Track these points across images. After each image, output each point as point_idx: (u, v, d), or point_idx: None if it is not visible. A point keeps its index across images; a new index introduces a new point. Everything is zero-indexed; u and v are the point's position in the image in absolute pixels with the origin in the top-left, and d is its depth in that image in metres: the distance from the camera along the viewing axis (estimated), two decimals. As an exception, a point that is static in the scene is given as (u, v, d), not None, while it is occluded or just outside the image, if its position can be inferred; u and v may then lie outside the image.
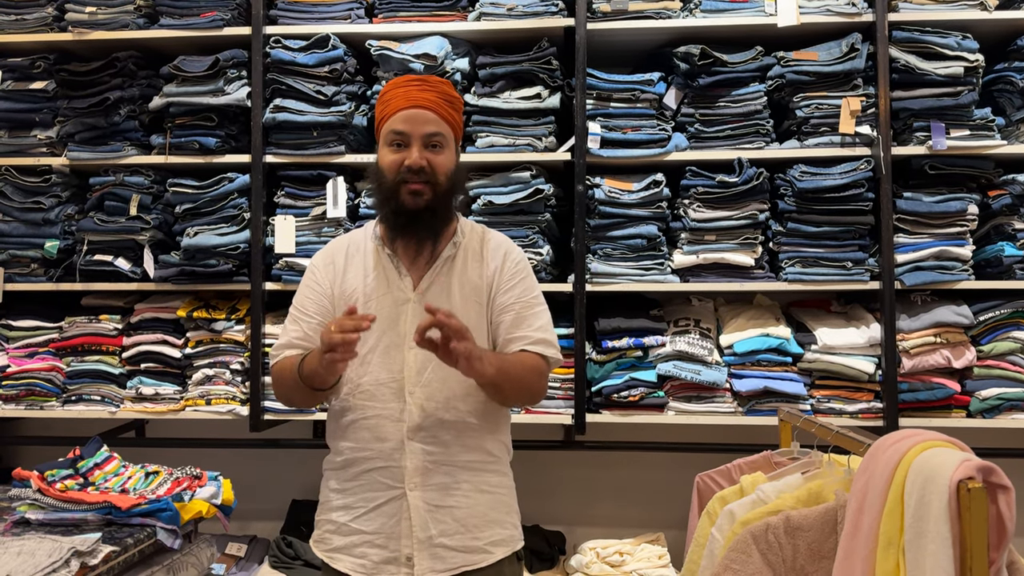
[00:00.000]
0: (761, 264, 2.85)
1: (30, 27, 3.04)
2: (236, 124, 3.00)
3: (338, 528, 1.75)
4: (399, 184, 1.72)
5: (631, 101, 2.86)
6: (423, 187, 1.71)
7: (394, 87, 1.78)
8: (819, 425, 1.84)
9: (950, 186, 2.80)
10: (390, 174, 1.73)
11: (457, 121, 1.80)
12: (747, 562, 1.56)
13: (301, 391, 1.73)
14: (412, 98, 1.73)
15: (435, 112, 1.74)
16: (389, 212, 1.76)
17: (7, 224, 3.03)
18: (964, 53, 2.75)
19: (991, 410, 2.74)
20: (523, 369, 1.73)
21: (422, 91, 1.74)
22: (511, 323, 1.77)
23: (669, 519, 3.06)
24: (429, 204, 1.72)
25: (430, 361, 1.70)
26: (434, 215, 1.74)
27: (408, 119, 1.72)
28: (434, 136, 1.73)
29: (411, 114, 1.72)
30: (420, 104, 1.73)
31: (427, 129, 1.73)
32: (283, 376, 1.77)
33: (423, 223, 1.74)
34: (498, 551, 1.75)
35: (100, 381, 2.97)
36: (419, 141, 1.72)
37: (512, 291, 1.79)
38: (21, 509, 1.87)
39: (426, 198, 1.72)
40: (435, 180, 1.72)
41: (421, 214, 1.73)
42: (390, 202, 1.74)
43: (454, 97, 1.80)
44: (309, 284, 1.83)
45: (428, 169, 1.72)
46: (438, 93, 1.76)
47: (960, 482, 1.30)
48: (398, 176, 1.72)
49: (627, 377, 2.79)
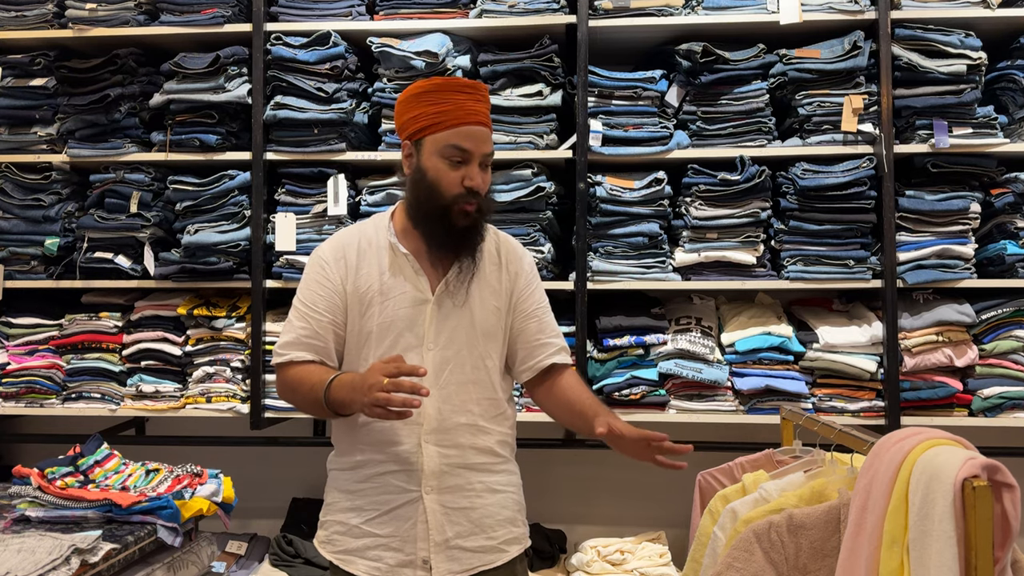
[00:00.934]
0: (763, 262, 2.84)
1: (30, 24, 3.04)
2: (237, 121, 2.99)
3: (349, 530, 1.73)
4: (455, 202, 1.69)
5: (633, 99, 2.86)
6: (474, 208, 1.70)
7: (444, 90, 1.70)
8: (821, 423, 1.83)
9: (952, 184, 2.79)
10: (449, 191, 1.68)
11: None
12: (750, 560, 1.55)
13: (318, 409, 1.68)
14: (470, 111, 1.69)
15: (489, 128, 1.73)
16: (439, 229, 1.71)
17: (7, 221, 3.02)
18: (967, 51, 2.74)
19: (993, 409, 2.73)
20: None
21: (477, 102, 1.70)
22: (537, 329, 1.81)
23: (670, 517, 3.05)
24: (474, 223, 1.71)
25: (447, 364, 1.71)
26: (478, 234, 1.74)
27: (471, 136, 1.68)
28: (489, 156, 1.72)
29: (473, 132, 1.68)
30: (480, 120, 1.70)
31: (486, 149, 1.71)
32: (298, 388, 1.72)
33: (469, 242, 1.73)
34: (512, 549, 1.76)
35: (100, 379, 2.96)
36: (478, 160, 1.70)
37: (533, 296, 1.83)
38: (21, 506, 1.87)
39: (475, 217, 1.71)
40: (484, 202, 1.72)
41: (468, 233, 1.72)
42: (442, 219, 1.70)
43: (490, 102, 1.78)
44: (318, 279, 1.76)
45: (483, 192, 1.71)
46: (487, 104, 1.74)
47: (965, 480, 1.29)
48: (457, 195, 1.69)
49: (628, 375, 2.79)
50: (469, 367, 1.73)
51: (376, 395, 1.48)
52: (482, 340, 1.75)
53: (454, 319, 1.74)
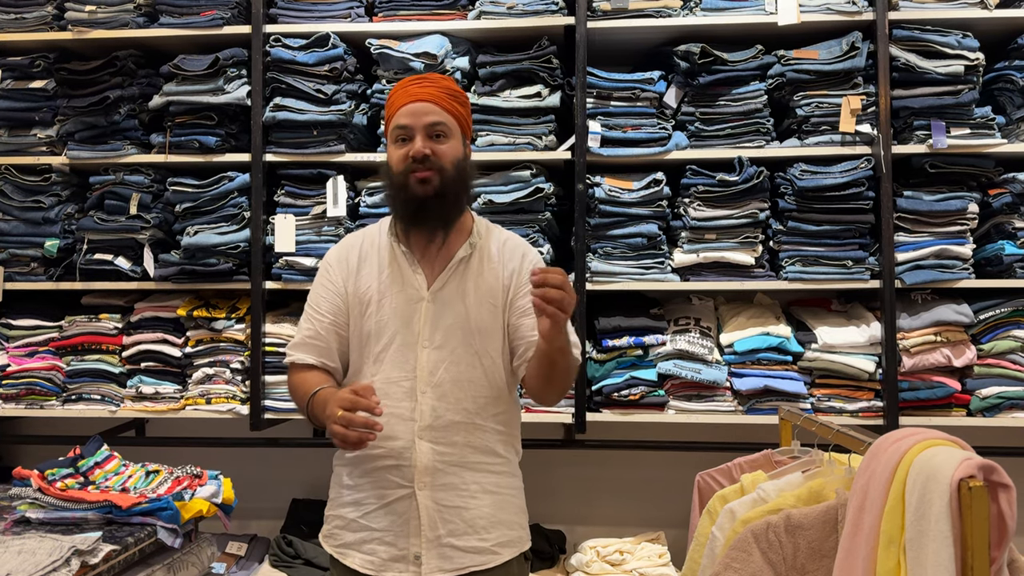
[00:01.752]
0: (761, 263, 2.85)
1: (30, 26, 3.04)
2: (236, 123, 2.99)
3: (348, 524, 1.76)
4: (406, 174, 1.73)
5: (631, 100, 2.86)
6: (430, 174, 1.72)
7: (397, 88, 1.80)
8: (820, 424, 1.84)
9: (950, 185, 2.80)
10: (397, 167, 1.75)
11: (461, 113, 1.80)
12: (748, 560, 1.56)
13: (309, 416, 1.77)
14: (412, 93, 1.75)
15: (436, 104, 1.75)
16: (399, 203, 1.76)
17: (7, 223, 3.03)
18: (964, 52, 2.75)
19: (991, 409, 2.74)
20: (572, 358, 1.72)
21: (422, 86, 1.76)
22: (531, 325, 1.74)
23: (669, 518, 3.06)
24: (437, 191, 1.73)
25: (443, 361, 1.73)
26: (443, 202, 1.74)
27: (409, 112, 1.74)
28: (436, 125, 1.74)
29: (412, 108, 1.74)
30: (420, 98, 1.75)
31: (428, 119, 1.74)
32: (295, 394, 1.82)
33: (433, 211, 1.74)
34: (506, 552, 1.76)
35: (100, 380, 2.97)
36: (422, 132, 1.73)
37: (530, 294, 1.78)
38: (21, 508, 1.87)
39: (434, 185, 1.72)
40: (441, 167, 1.73)
41: (430, 201, 1.73)
42: (400, 193, 1.75)
43: (456, 91, 1.80)
44: (323, 282, 1.84)
45: (433, 156, 1.72)
46: (439, 87, 1.77)
47: (961, 481, 1.30)
48: (404, 167, 1.73)
49: (627, 376, 2.79)
50: (465, 364, 1.74)
51: (332, 427, 1.55)
52: (478, 337, 1.76)
53: (449, 317, 1.75)
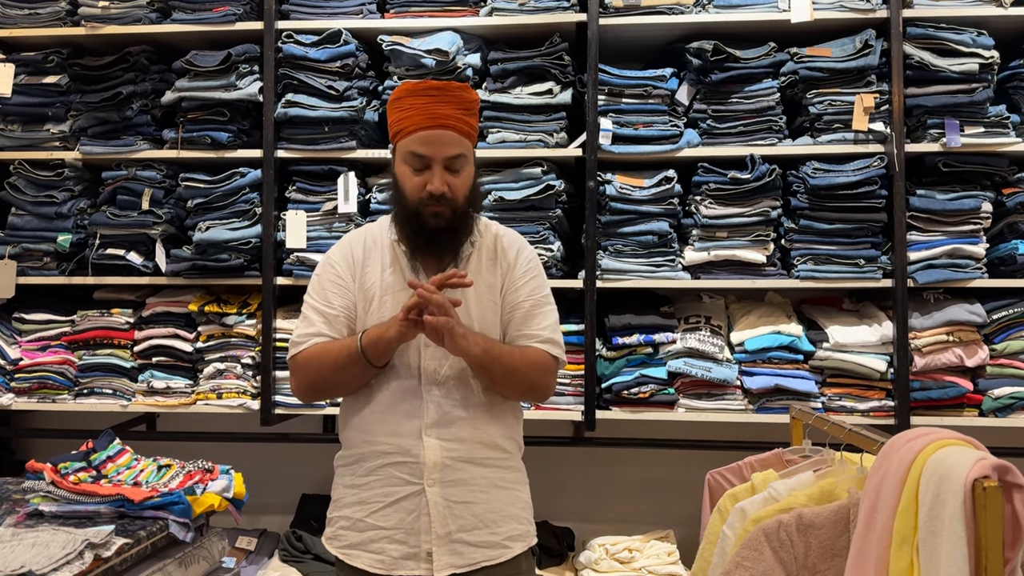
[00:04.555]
0: (773, 261, 2.84)
1: (43, 21, 3.05)
2: (248, 119, 3.00)
3: (353, 524, 1.75)
4: (420, 207, 1.71)
5: (643, 97, 2.86)
6: (443, 209, 1.70)
7: (410, 94, 1.72)
8: (831, 423, 1.83)
9: (964, 184, 2.78)
10: (411, 197, 1.72)
11: (474, 128, 1.77)
12: (759, 559, 1.55)
13: (348, 365, 1.70)
14: (431, 114, 1.69)
15: (455, 130, 1.70)
16: (411, 232, 1.76)
17: (20, 218, 3.04)
18: (979, 50, 2.73)
19: (1004, 409, 2.72)
20: (520, 359, 1.72)
21: (440, 104, 1.69)
22: (520, 320, 1.78)
23: (679, 516, 3.05)
24: (449, 224, 1.72)
25: (447, 358, 1.72)
26: (454, 234, 1.75)
27: (428, 141, 1.69)
28: (455, 160, 1.71)
29: (432, 136, 1.69)
30: (440, 123, 1.69)
31: (448, 152, 1.70)
32: (324, 357, 1.73)
33: (443, 242, 1.75)
34: (516, 546, 1.76)
35: (112, 374, 2.98)
36: (440, 165, 1.70)
37: (523, 289, 1.80)
38: (35, 501, 1.88)
39: (446, 218, 1.71)
40: (455, 203, 1.72)
41: (441, 234, 1.73)
42: (411, 223, 1.74)
43: (472, 102, 1.75)
44: (331, 279, 1.80)
45: (449, 193, 1.70)
46: (457, 104, 1.71)
47: (975, 481, 1.29)
48: (420, 201, 1.71)
49: (637, 374, 2.79)
50: None
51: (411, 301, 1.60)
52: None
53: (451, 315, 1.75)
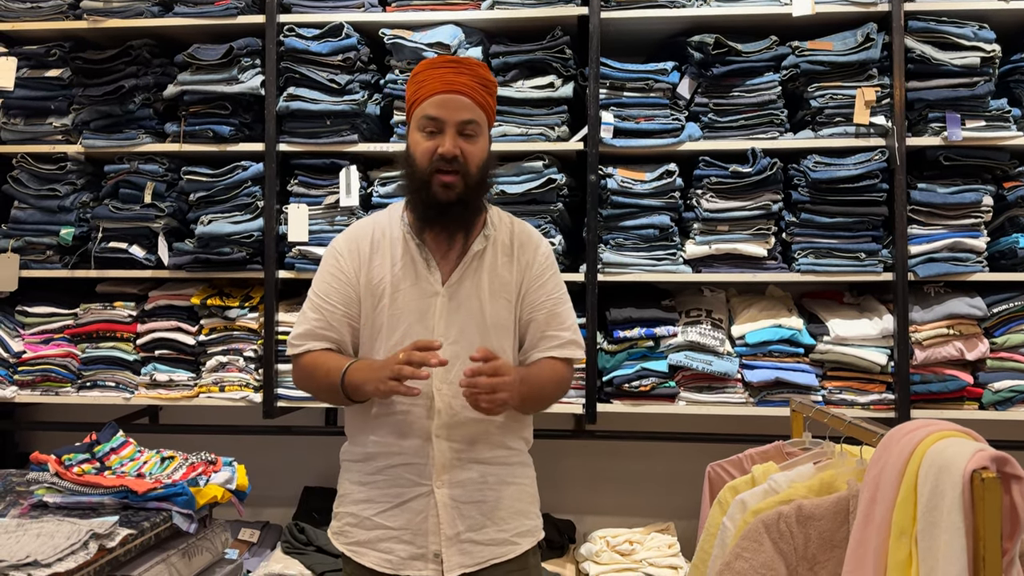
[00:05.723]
0: (774, 255, 2.84)
1: (45, 15, 3.06)
2: (250, 112, 3.01)
3: (360, 522, 1.74)
4: (431, 174, 1.67)
5: (644, 90, 2.86)
6: (455, 179, 1.66)
7: (429, 67, 1.71)
8: (831, 416, 1.84)
9: (965, 177, 2.78)
10: (422, 162, 1.68)
11: (491, 105, 1.75)
12: (759, 551, 1.56)
13: (334, 396, 1.71)
14: (448, 81, 1.66)
15: (470, 97, 1.68)
16: (419, 203, 1.71)
17: (23, 211, 3.05)
18: (980, 43, 2.73)
19: (1004, 402, 2.73)
20: (546, 384, 1.75)
21: (458, 74, 1.68)
22: (544, 321, 1.76)
23: (679, 509, 3.06)
24: (460, 197, 1.68)
25: (458, 358, 1.67)
26: (465, 208, 1.70)
27: (443, 104, 1.66)
28: (468, 124, 1.68)
29: (446, 99, 1.66)
30: (456, 88, 1.66)
31: (462, 116, 1.67)
32: (315, 375, 1.74)
33: (454, 216, 1.70)
34: (524, 542, 1.76)
35: (115, 367, 2.99)
36: (453, 128, 1.67)
37: (543, 288, 1.78)
38: (39, 492, 1.89)
39: (457, 191, 1.67)
40: (467, 171, 1.67)
41: (452, 207, 1.68)
42: (421, 193, 1.69)
43: (490, 81, 1.73)
44: (332, 272, 1.77)
45: (461, 159, 1.67)
46: (473, 76, 1.69)
47: (974, 472, 1.30)
48: (431, 165, 1.67)
49: (638, 367, 2.79)
50: None
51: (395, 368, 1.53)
52: (493, 333, 1.73)
53: (464, 312, 1.72)
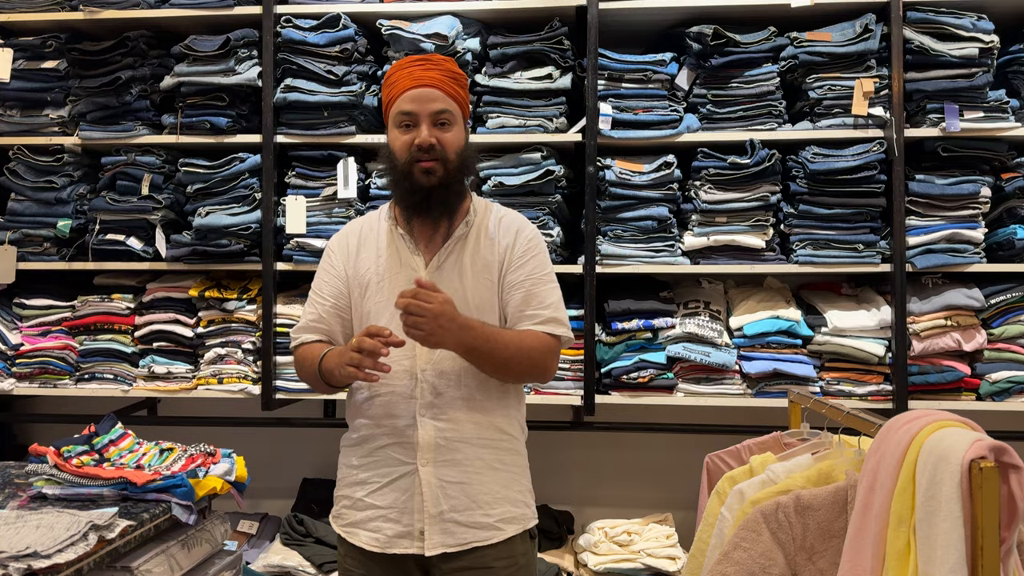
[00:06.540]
0: (772, 246, 2.85)
1: (41, 6, 3.04)
2: (247, 104, 3.00)
3: (354, 503, 1.79)
4: (411, 163, 1.75)
5: (643, 82, 2.85)
6: (434, 164, 1.74)
7: (398, 69, 1.80)
8: (830, 406, 1.84)
9: (963, 168, 2.78)
10: (401, 154, 1.77)
11: (463, 97, 1.81)
12: (757, 540, 1.57)
13: (320, 384, 1.79)
14: (416, 77, 1.76)
15: (440, 89, 1.76)
16: (403, 192, 1.78)
17: (20, 203, 3.04)
18: (979, 34, 2.73)
19: (1001, 393, 2.74)
20: (509, 346, 1.71)
21: (426, 70, 1.77)
22: (521, 301, 1.78)
23: (677, 500, 3.07)
24: (442, 181, 1.75)
25: None
26: (447, 191, 1.77)
27: (415, 98, 1.75)
28: (441, 114, 1.76)
29: (417, 93, 1.75)
30: (425, 83, 1.75)
31: (434, 107, 1.75)
32: (305, 365, 1.84)
33: (437, 200, 1.77)
34: (509, 528, 1.77)
35: (113, 360, 2.99)
36: (427, 119, 1.75)
37: (523, 268, 1.80)
38: (38, 484, 1.88)
39: (438, 176, 1.75)
40: (445, 157, 1.75)
41: (434, 191, 1.75)
42: (403, 182, 1.77)
43: (458, 74, 1.81)
44: (325, 268, 1.88)
45: (438, 146, 1.74)
46: (442, 71, 1.78)
47: (972, 461, 1.30)
48: (409, 155, 1.75)
49: (636, 359, 2.80)
50: None
51: (351, 355, 1.61)
52: (476, 314, 1.76)
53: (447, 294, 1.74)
